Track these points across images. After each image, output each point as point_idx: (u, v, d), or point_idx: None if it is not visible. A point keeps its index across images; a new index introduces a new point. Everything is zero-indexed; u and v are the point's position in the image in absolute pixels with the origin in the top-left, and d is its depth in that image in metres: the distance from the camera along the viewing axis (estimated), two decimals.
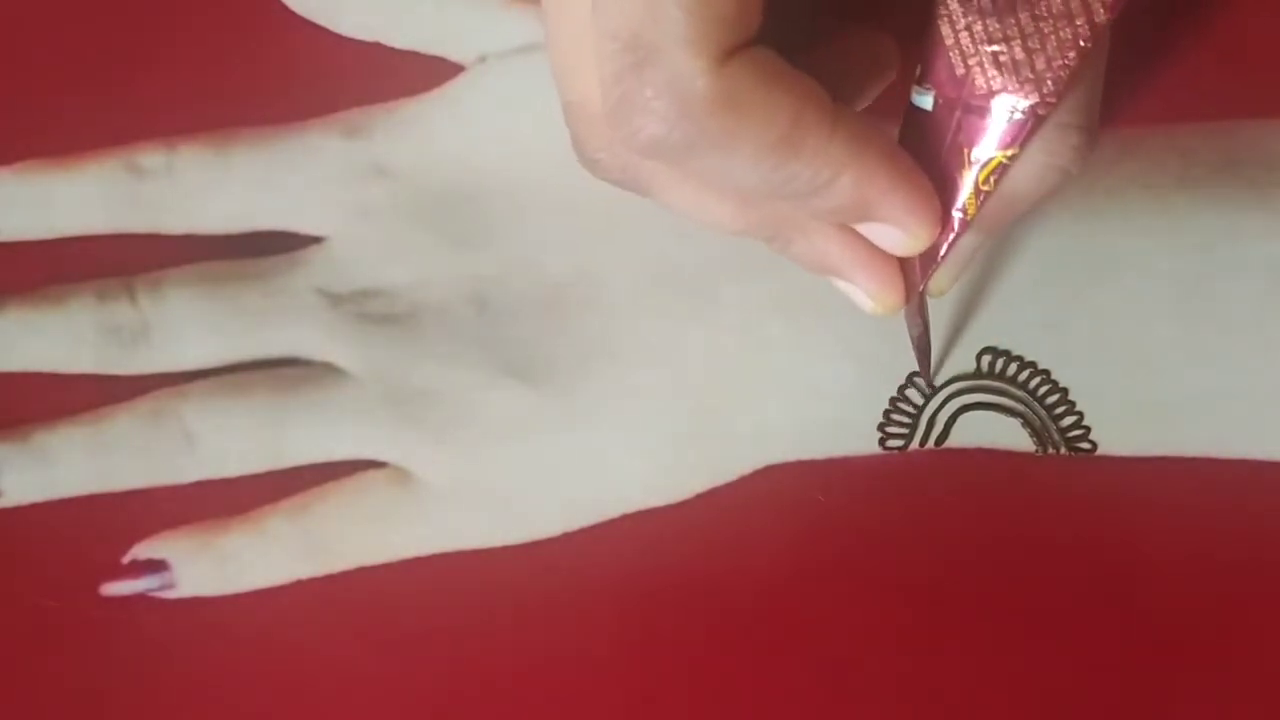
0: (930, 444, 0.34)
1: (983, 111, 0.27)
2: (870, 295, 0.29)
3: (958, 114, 0.27)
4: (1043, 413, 0.34)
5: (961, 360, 0.34)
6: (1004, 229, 0.30)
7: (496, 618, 0.34)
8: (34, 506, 0.35)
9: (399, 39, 0.35)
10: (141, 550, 0.35)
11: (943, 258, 0.28)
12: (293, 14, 0.35)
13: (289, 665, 0.34)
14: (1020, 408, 0.34)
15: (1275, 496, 0.33)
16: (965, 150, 0.27)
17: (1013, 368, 0.33)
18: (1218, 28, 0.35)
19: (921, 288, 0.29)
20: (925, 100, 0.28)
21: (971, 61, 0.27)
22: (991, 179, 0.27)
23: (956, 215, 0.28)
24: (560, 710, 0.34)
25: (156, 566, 0.35)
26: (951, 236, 0.28)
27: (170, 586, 0.34)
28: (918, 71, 0.28)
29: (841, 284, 0.29)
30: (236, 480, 0.35)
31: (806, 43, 0.27)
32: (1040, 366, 0.33)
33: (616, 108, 0.25)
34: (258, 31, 0.36)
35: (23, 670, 0.35)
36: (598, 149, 0.28)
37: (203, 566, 0.34)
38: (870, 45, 0.29)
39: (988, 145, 0.27)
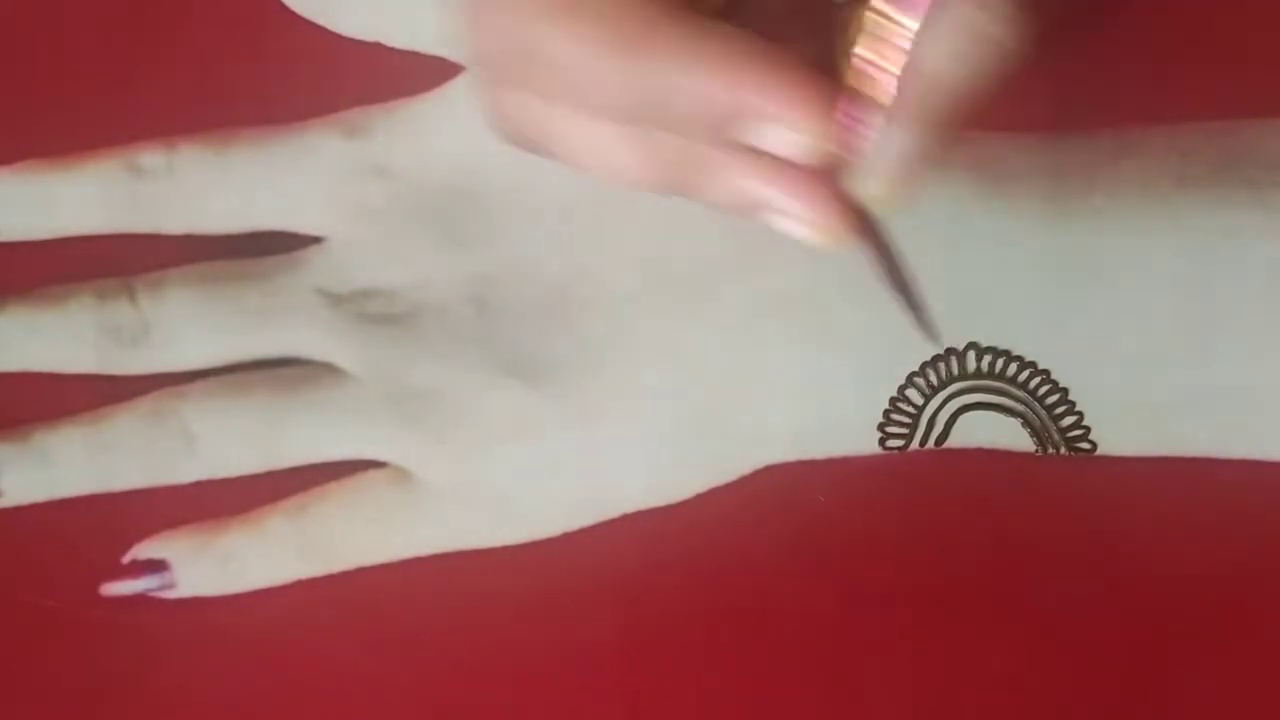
0: (930, 444, 0.34)
1: None
2: (807, 223, 0.27)
3: None
4: (1043, 413, 0.34)
5: (961, 360, 0.34)
6: (939, 122, 0.25)
7: (496, 617, 0.34)
8: (34, 506, 0.35)
9: (399, 39, 0.35)
10: (141, 550, 0.35)
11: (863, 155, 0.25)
12: (293, 14, 0.35)
13: (289, 665, 0.34)
14: (1020, 408, 0.34)
15: (1275, 497, 0.33)
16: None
17: (1013, 368, 0.33)
18: (1217, 27, 0.35)
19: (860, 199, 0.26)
20: None
21: None
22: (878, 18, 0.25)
23: (846, 62, 0.25)
24: (560, 710, 0.34)
25: (156, 566, 0.35)
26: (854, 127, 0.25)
27: (170, 586, 0.34)
28: None
29: (777, 220, 0.27)
30: (236, 480, 0.35)
31: None
32: (1040, 366, 0.33)
33: (471, 24, 0.25)
34: (258, 31, 0.36)
35: (22, 670, 0.35)
36: (495, 106, 0.28)
37: (203, 566, 0.34)
38: None
39: None
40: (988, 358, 0.33)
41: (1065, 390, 0.33)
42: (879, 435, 0.34)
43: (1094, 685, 0.33)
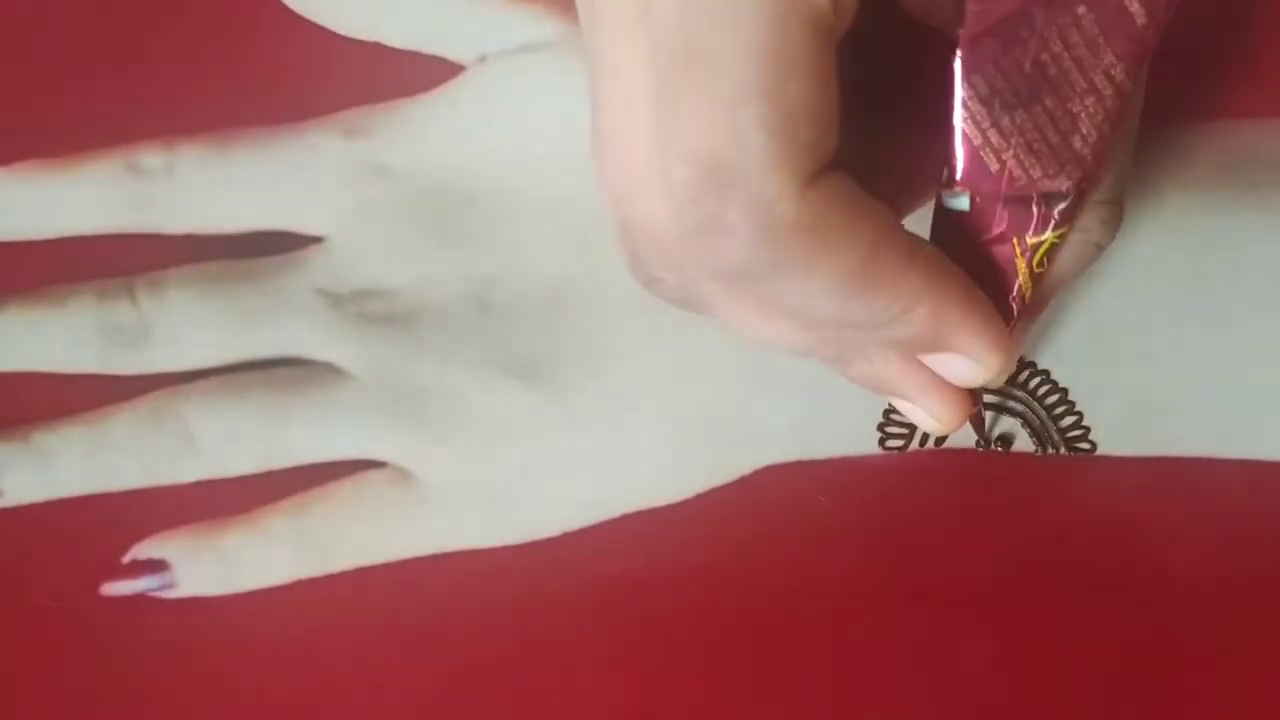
0: (930, 444, 0.34)
1: (1027, 200, 0.27)
2: (933, 415, 0.29)
3: (999, 208, 0.27)
4: (1042, 413, 0.34)
5: None
6: (1045, 308, 0.30)
7: (496, 617, 0.34)
8: (34, 506, 0.35)
9: (399, 39, 0.35)
10: (141, 550, 0.35)
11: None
12: (293, 14, 0.35)
13: (289, 665, 0.34)
14: (1020, 408, 0.34)
15: (1275, 497, 0.33)
16: (1014, 240, 0.27)
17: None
18: (1217, 28, 0.35)
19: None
20: (960, 201, 0.27)
21: (1006, 156, 0.26)
22: (1045, 260, 0.27)
23: (1014, 304, 0.28)
24: (560, 710, 0.34)
25: (156, 566, 0.35)
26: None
27: (170, 586, 0.34)
28: (945, 175, 0.27)
29: (902, 404, 0.30)
30: (236, 480, 0.35)
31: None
32: (1040, 367, 0.33)
33: (696, 231, 0.24)
34: (258, 31, 0.36)
35: (23, 670, 0.35)
36: (660, 268, 0.27)
37: (203, 566, 0.34)
38: (904, 156, 0.28)
39: (1038, 230, 0.27)
40: None
41: (1065, 390, 0.33)
42: (879, 435, 0.34)
43: (1094, 684, 0.33)
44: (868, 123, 0.26)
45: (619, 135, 0.25)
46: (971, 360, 0.27)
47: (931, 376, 0.29)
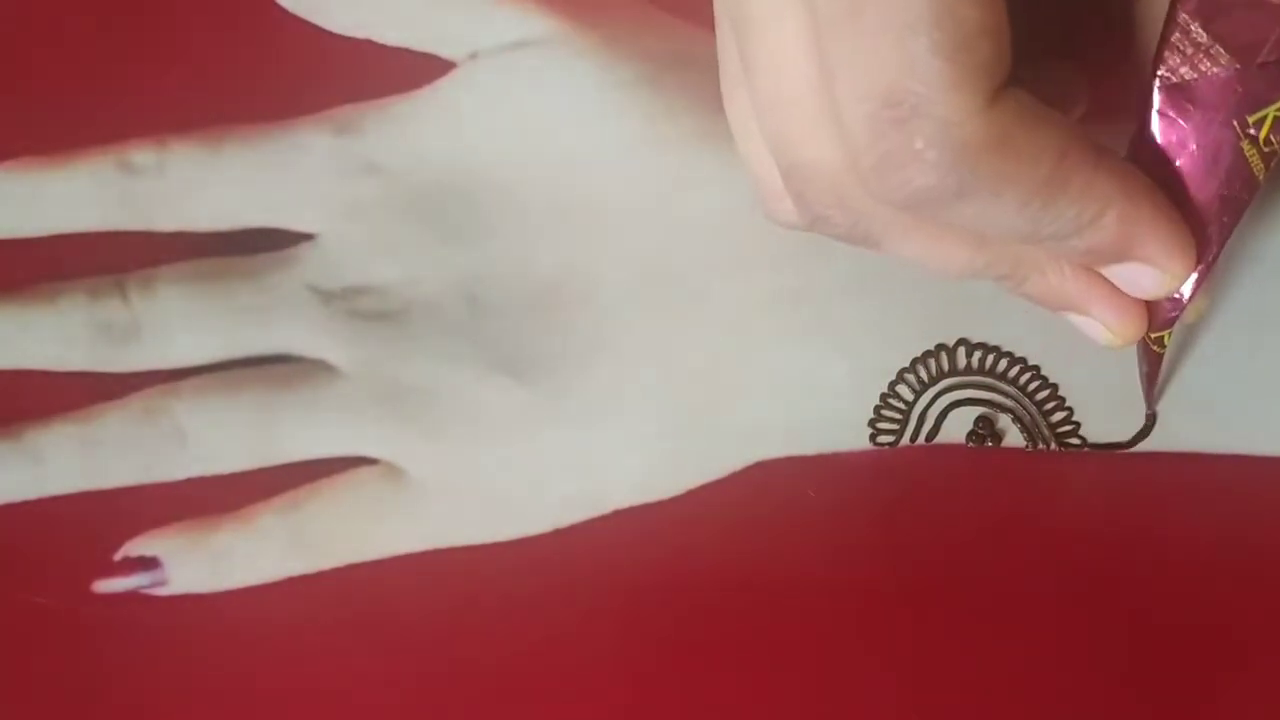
0: (921, 440, 0.34)
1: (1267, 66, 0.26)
2: (1110, 328, 0.29)
3: (1236, 87, 0.26)
4: (1033, 408, 0.34)
5: (951, 356, 0.34)
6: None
7: (488, 614, 0.34)
8: (25, 504, 0.35)
9: (390, 36, 0.35)
10: (133, 547, 0.35)
11: (1201, 279, 0.28)
12: (284, 11, 0.35)
13: (280, 662, 0.34)
14: (1010, 403, 0.34)
15: (1267, 492, 0.34)
16: (1237, 121, 0.27)
17: (1003, 363, 0.34)
18: None
19: (1174, 315, 0.29)
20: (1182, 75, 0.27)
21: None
22: (1273, 136, 0.27)
23: (1245, 195, 0.27)
24: (552, 706, 0.34)
25: (148, 564, 0.35)
26: (1214, 252, 0.28)
27: (162, 583, 0.34)
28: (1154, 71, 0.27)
29: (1077, 318, 0.29)
30: (228, 477, 0.35)
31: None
32: (1030, 362, 0.33)
33: (880, 164, 0.25)
34: (249, 29, 0.36)
35: (14, 667, 0.35)
36: (829, 205, 0.27)
37: (194, 563, 0.34)
38: (1062, 76, 0.29)
39: (1264, 100, 0.26)
40: (978, 354, 0.34)
41: (1055, 386, 0.33)
42: (870, 431, 0.34)
43: (1085, 679, 0.33)
44: (1038, 39, 0.26)
45: (778, 83, 0.26)
46: (1156, 269, 0.27)
47: (1110, 288, 0.28)
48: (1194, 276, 0.28)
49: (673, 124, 0.34)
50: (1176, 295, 0.29)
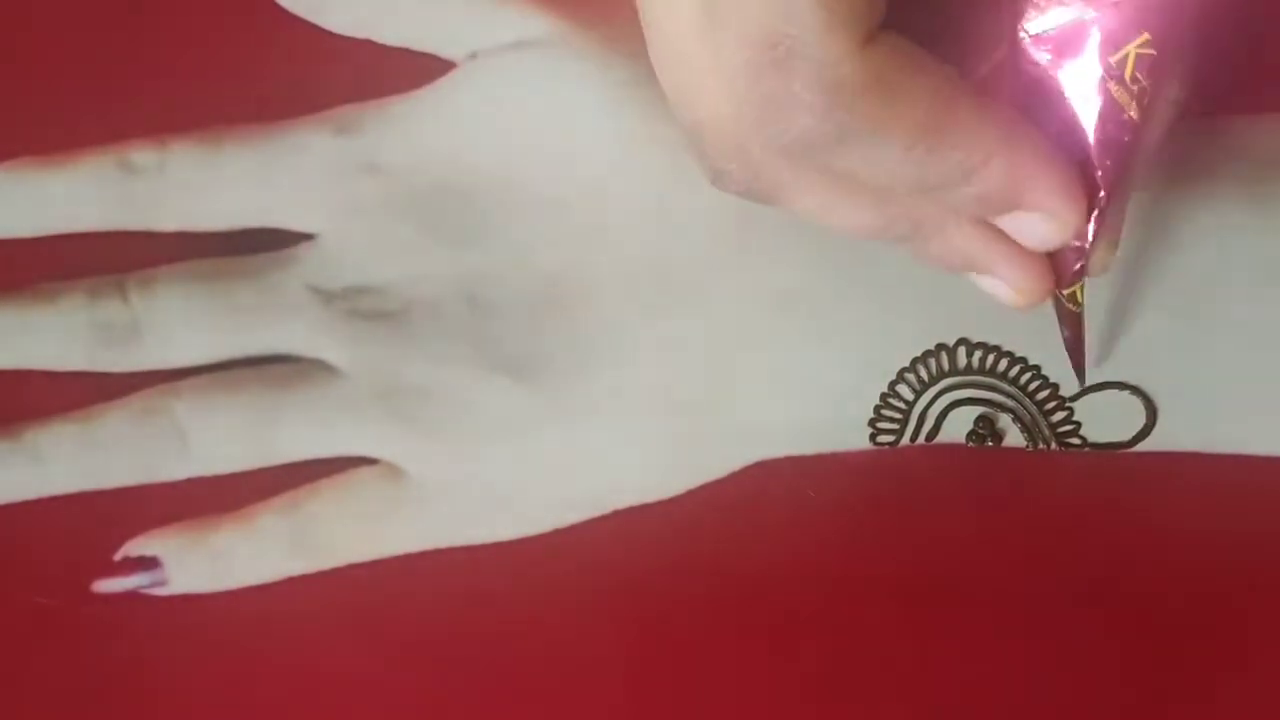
0: (921, 439, 0.34)
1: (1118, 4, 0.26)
2: (1015, 286, 0.29)
3: (1093, 30, 0.27)
4: (1034, 408, 0.34)
5: (951, 355, 0.34)
6: (1137, 182, 0.29)
7: (488, 613, 0.34)
8: (25, 504, 0.35)
9: (390, 36, 0.35)
10: (133, 547, 0.35)
11: (1099, 227, 0.28)
12: (284, 11, 0.35)
13: (281, 662, 0.34)
14: (1011, 403, 0.34)
15: (1266, 493, 0.34)
16: (1101, 64, 0.27)
17: (1004, 363, 0.33)
18: (1209, 23, 0.35)
19: (1078, 266, 0.29)
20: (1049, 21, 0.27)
21: None
22: (1138, 74, 0.27)
23: (1122, 132, 0.27)
24: (552, 706, 0.34)
25: (148, 564, 0.35)
26: (1105, 199, 0.28)
27: (162, 584, 0.34)
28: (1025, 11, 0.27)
29: (982, 280, 0.29)
30: (228, 477, 0.35)
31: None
32: (1031, 362, 0.33)
33: (761, 108, 0.25)
34: (249, 29, 0.36)
35: (14, 668, 0.35)
36: (728, 160, 0.27)
37: (194, 563, 0.34)
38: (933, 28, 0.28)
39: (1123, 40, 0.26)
40: (978, 353, 0.34)
41: (1055, 386, 0.33)
42: (870, 431, 0.34)
43: (1086, 680, 0.33)
44: None
45: (671, 42, 0.26)
46: (1048, 216, 0.27)
47: (1011, 246, 0.28)
48: (1091, 226, 0.28)
49: (672, 124, 0.34)
50: (1078, 245, 0.28)
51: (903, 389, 0.34)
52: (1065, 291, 0.30)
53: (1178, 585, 0.34)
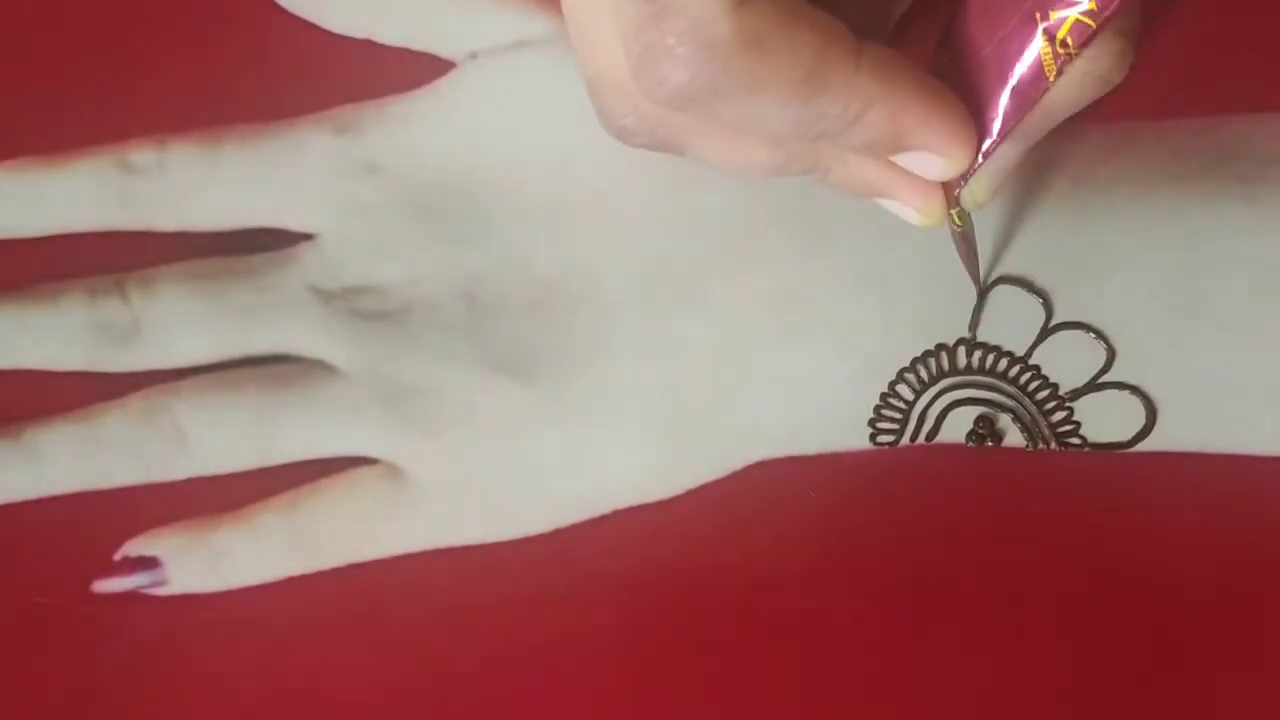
0: (921, 439, 0.34)
1: None
2: (917, 209, 0.29)
3: None
4: (1033, 408, 0.34)
5: (951, 355, 0.34)
6: (1039, 139, 0.30)
7: (487, 613, 0.34)
8: (25, 504, 0.35)
9: (390, 36, 0.35)
10: (133, 547, 0.35)
11: (979, 165, 0.28)
12: (283, 11, 0.35)
13: (280, 661, 0.34)
14: (1011, 403, 0.34)
15: (1267, 492, 0.34)
16: (1039, 14, 0.27)
17: (1003, 363, 0.33)
18: (1208, 23, 0.35)
19: (957, 193, 0.29)
20: None
21: None
22: (1070, 39, 0.27)
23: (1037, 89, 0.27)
24: (550, 706, 0.34)
25: (148, 563, 0.35)
26: (995, 141, 0.28)
27: (162, 583, 0.34)
28: None
29: (888, 203, 0.30)
30: (228, 477, 0.35)
31: None
32: (1031, 362, 0.33)
33: (640, 60, 0.25)
34: (248, 29, 0.36)
35: (14, 667, 0.35)
36: (625, 114, 0.28)
37: (194, 563, 0.34)
38: None
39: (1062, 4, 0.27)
40: (978, 353, 0.34)
41: (1055, 386, 0.33)
42: (870, 431, 0.34)
43: (1086, 680, 0.33)
44: None
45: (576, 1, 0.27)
46: (937, 155, 0.28)
47: (907, 172, 0.29)
48: (979, 160, 0.28)
49: None
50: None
51: (902, 389, 0.34)
52: (953, 210, 0.30)
53: (1177, 585, 0.34)
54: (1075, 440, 0.34)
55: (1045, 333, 0.33)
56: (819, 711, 0.34)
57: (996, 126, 0.28)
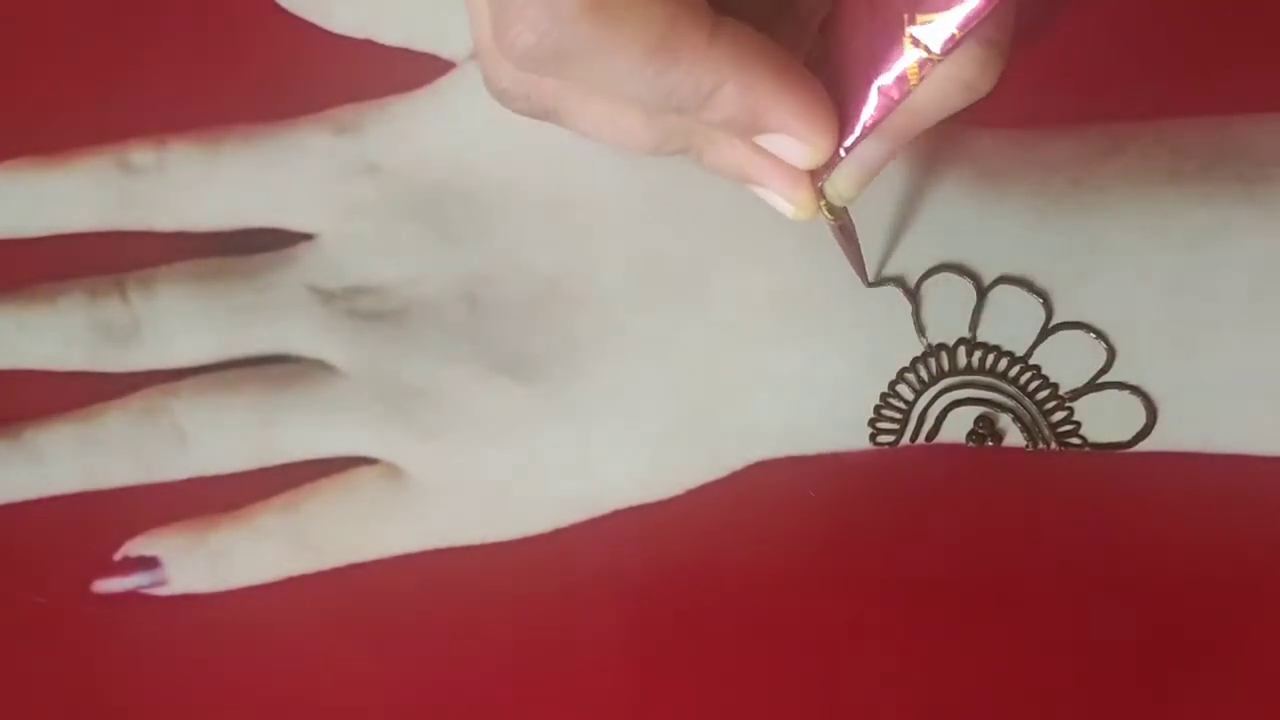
0: (921, 439, 0.34)
1: None
2: (787, 199, 0.29)
3: None
4: (1033, 408, 0.34)
5: (951, 355, 0.34)
6: (908, 140, 0.29)
7: (487, 614, 0.34)
8: (25, 504, 0.35)
9: (390, 36, 0.35)
10: (133, 547, 0.35)
11: (843, 157, 0.28)
12: (283, 11, 0.35)
13: (280, 661, 0.34)
14: (1011, 403, 0.34)
15: (1267, 492, 0.34)
16: (908, 14, 0.26)
17: (1003, 363, 0.33)
18: (1208, 23, 0.35)
19: (820, 184, 0.29)
20: None
21: None
22: (934, 44, 0.26)
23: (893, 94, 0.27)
24: (551, 705, 0.34)
25: (148, 563, 0.35)
26: (856, 137, 0.28)
27: (162, 583, 0.35)
28: None
29: (761, 191, 0.30)
30: (228, 477, 0.35)
31: None
32: (1031, 362, 0.33)
33: (496, 23, 0.26)
34: (248, 28, 0.36)
35: (14, 667, 0.35)
36: (502, 80, 0.28)
37: (194, 563, 0.34)
38: None
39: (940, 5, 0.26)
40: (978, 353, 0.34)
41: (1055, 386, 0.33)
42: (870, 431, 0.34)
43: (1085, 679, 0.33)
44: None
45: None
46: (797, 140, 0.27)
47: (779, 160, 0.28)
48: (842, 153, 0.28)
49: None
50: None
51: (902, 389, 0.34)
52: (822, 202, 0.30)
53: (1178, 585, 0.34)
54: (1075, 440, 0.34)
55: (1045, 333, 0.33)
56: (819, 711, 0.34)
57: (860, 122, 0.28)
